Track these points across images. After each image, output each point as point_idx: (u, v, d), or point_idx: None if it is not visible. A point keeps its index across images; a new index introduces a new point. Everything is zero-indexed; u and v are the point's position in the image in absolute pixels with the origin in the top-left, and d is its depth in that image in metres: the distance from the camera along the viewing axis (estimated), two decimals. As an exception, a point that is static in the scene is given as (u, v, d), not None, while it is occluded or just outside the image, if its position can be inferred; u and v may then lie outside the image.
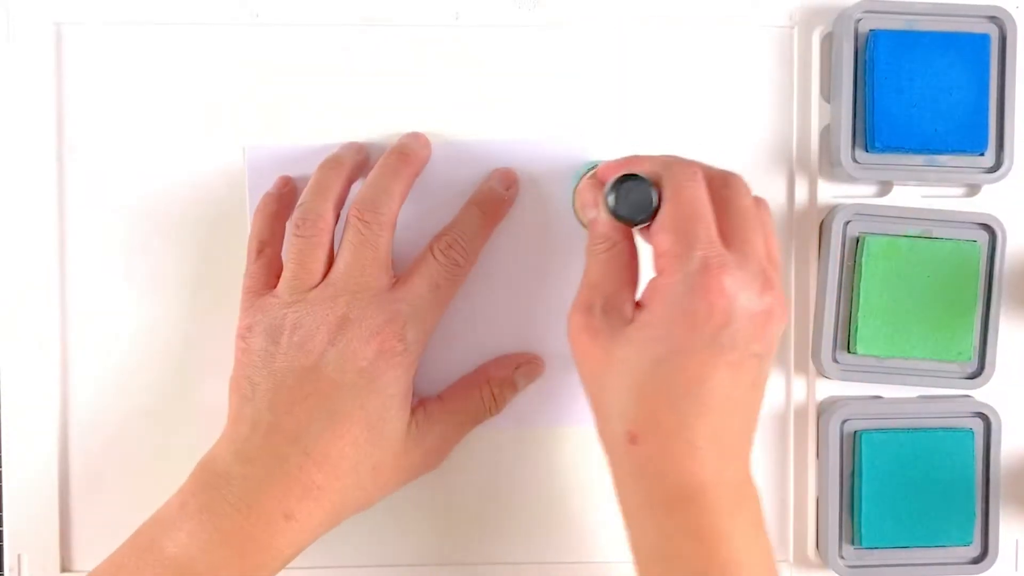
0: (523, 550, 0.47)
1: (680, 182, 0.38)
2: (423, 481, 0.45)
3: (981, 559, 0.47)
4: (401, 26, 0.46)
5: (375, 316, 0.41)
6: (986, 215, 0.46)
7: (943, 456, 0.46)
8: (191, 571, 0.39)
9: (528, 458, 0.47)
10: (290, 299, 0.42)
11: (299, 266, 0.42)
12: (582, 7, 0.47)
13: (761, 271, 0.37)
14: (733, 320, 0.36)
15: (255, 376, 0.41)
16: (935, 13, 0.46)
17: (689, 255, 0.37)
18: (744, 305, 0.36)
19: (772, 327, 0.37)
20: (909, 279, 0.46)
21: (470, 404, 0.45)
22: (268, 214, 0.44)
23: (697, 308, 0.36)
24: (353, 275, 0.42)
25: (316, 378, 0.40)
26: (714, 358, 0.36)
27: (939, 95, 0.46)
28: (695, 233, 0.37)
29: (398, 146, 0.45)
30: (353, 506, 0.42)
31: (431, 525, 0.47)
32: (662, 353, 0.37)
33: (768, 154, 0.47)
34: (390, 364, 0.41)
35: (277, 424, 0.40)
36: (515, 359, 0.46)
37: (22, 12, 0.46)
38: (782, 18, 0.47)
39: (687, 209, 0.37)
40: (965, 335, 0.46)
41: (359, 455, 0.41)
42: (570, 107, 0.47)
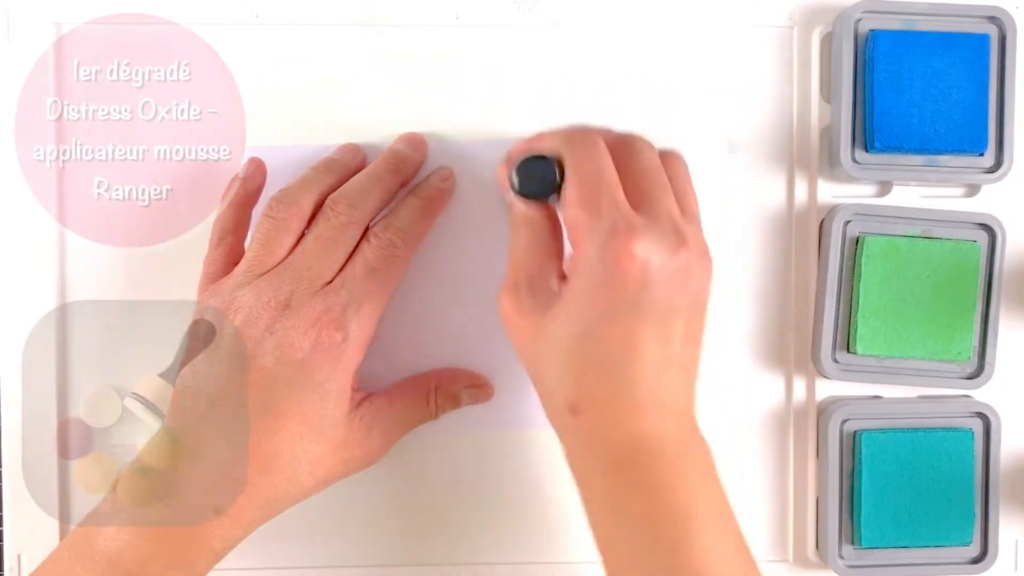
0: (498, 551, 0.47)
1: (580, 154, 0.38)
2: (400, 483, 0.46)
3: (981, 559, 0.47)
4: (401, 26, 0.46)
5: (315, 306, 0.40)
6: (986, 215, 0.47)
7: (943, 456, 0.46)
8: (120, 566, 0.38)
9: (502, 460, 0.47)
10: (242, 280, 0.41)
11: (261, 247, 0.41)
12: (582, 7, 0.47)
13: (672, 229, 0.37)
14: (650, 282, 0.37)
15: (198, 366, 0.41)
16: (935, 13, 0.46)
17: (597, 225, 0.37)
18: (659, 266, 0.37)
19: (692, 282, 0.38)
20: (909, 279, 0.46)
21: (415, 408, 0.45)
22: (234, 202, 0.44)
23: (612, 276, 0.36)
24: (308, 262, 0.41)
25: (254, 368, 0.40)
26: (638, 321, 0.37)
27: (939, 95, 0.46)
28: (599, 202, 0.37)
29: (390, 151, 0.45)
30: (288, 500, 0.41)
31: (406, 526, 0.47)
32: (588, 324, 0.37)
33: (768, 154, 0.47)
34: (327, 357, 0.40)
35: (209, 416, 0.40)
36: (468, 377, 0.46)
37: (22, 12, 0.46)
38: (782, 18, 0.47)
39: (589, 179, 0.38)
40: (965, 335, 0.46)
41: (295, 450, 0.40)
42: (570, 107, 0.47)
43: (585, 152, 0.39)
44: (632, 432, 0.37)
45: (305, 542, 0.47)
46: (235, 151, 0.46)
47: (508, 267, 0.40)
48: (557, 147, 0.39)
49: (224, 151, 0.46)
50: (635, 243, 0.36)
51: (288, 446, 0.40)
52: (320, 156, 0.45)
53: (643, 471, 0.37)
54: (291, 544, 0.47)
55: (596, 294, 0.37)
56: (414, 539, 0.47)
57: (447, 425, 0.47)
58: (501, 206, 0.46)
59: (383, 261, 0.42)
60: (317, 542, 0.47)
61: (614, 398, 0.37)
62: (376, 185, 0.43)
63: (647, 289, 0.37)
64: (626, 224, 0.37)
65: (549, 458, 0.47)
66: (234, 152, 0.46)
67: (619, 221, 0.37)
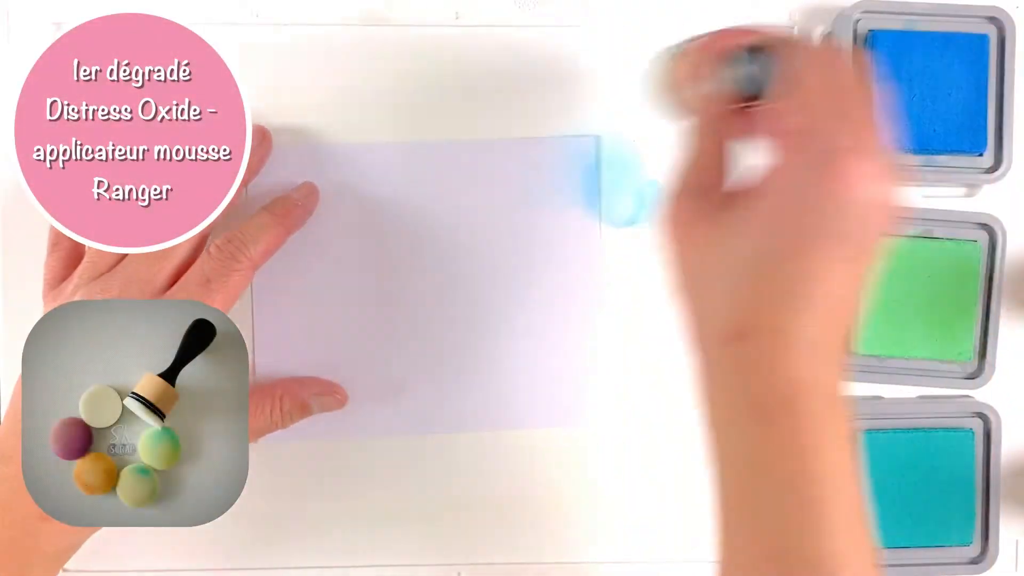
0: (498, 551, 0.47)
1: (819, 56, 0.34)
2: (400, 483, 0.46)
3: (981, 559, 0.47)
4: (401, 26, 0.46)
5: None
6: (986, 215, 0.47)
7: (943, 456, 0.46)
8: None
9: (502, 460, 0.47)
10: (78, 282, 0.42)
11: (96, 250, 0.42)
12: (582, 7, 0.47)
13: (889, 161, 0.34)
14: (859, 214, 0.33)
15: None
16: (934, 13, 0.46)
17: (819, 135, 0.33)
18: (870, 196, 0.33)
19: (889, 226, 0.34)
20: (909, 279, 0.46)
21: (260, 419, 0.44)
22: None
23: (819, 195, 0.33)
24: (138, 267, 0.42)
25: None
26: (831, 252, 0.33)
27: (938, 95, 0.46)
28: (828, 112, 0.33)
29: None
30: None
31: (406, 526, 0.47)
32: (779, 243, 0.33)
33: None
34: None
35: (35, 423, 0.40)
36: (316, 385, 0.46)
37: (22, 12, 0.46)
38: (782, 18, 0.47)
39: (825, 84, 0.34)
40: (965, 335, 0.46)
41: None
42: (570, 107, 0.47)
43: (826, 56, 0.35)
44: (793, 375, 0.33)
45: (305, 542, 0.47)
46: (235, 151, 0.46)
47: (684, 171, 0.37)
48: (782, 42, 0.35)
49: (224, 151, 0.46)
50: (862, 165, 0.32)
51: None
52: (319, 155, 0.45)
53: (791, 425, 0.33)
54: (291, 544, 0.47)
55: (796, 210, 0.33)
56: (414, 539, 0.47)
57: (447, 425, 0.47)
58: (495, 204, 0.46)
59: (219, 273, 0.42)
60: (317, 542, 0.47)
61: (786, 331, 0.33)
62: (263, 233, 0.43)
63: (854, 220, 0.33)
64: (859, 144, 0.33)
65: (549, 458, 0.47)
66: (234, 152, 0.46)
67: (851, 137, 0.33)
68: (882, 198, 0.33)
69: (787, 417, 0.33)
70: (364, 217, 0.47)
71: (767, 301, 0.34)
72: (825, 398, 0.34)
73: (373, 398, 0.47)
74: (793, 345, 0.33)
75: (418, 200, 0.46)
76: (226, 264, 0.42)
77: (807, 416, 0.33)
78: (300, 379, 0.46)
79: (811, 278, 0.33)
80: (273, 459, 0.47)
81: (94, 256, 0.42)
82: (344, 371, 0.47)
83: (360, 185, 0.46)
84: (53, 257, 0.44)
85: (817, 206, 0.33)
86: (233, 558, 0.47)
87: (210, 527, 0.46)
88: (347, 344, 0.47)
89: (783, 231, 0.33)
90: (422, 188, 0.46)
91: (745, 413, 0.34)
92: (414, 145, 0.47)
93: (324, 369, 0.47)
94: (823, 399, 0.34)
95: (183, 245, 0.42)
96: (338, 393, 0.46)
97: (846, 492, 0.34)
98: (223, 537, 0.47)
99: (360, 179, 0.46)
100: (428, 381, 0.47)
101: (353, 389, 0.47)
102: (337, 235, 0.47)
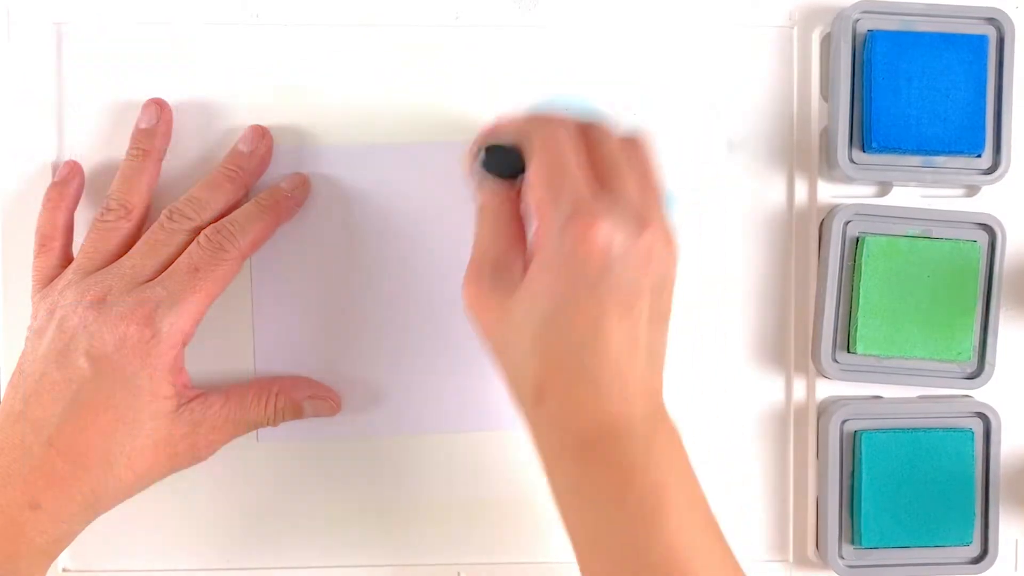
0: (498, 551, 0.48)
1: (542, 138, 0.38)
2: (400, 483, 0.46)
3: (981, 559, 0.47)
4: (401, 26, 0.47)
5: (127, 301, 0.41)
6: (986, 215, 0.47)
7: (943, 456, 0.46)
8: None
9: (501, 460, 0.47)
10: (71, 279, 0.42)
11: (91, 249, 0.43)
12: (582, 7, 0.47)
13: (634, 212, 0.37)
14: (612, 264, 0.36)
15: (24, 364, 0.41)
16: (933, 14, 0.46)
17: (557, 207, 0.37)
18: (620, 248, 0.36)
19: (655, 264, 0.37)
20: (909, 279, 0.46)
21: (252, 409, 0.44)
22: (47, 207, 0.45)
23: (574, 256, 0.36)
24: (132, 262, 0.42)
25: (66, 364, 0.40)
26: (601, 303, 0.36)
27: (937, 96, 0.46)
28: (560, 185, 0.37)
29: (229, 154, 0.45)
30: (111, 494, 0.41)
31: (406, 527, 0.47)
32: (552, 306, 0.36)
33: (768, 154, 0.48)
34: (136, 352, 0.40)
35: (25, 413, 0.40)
36: (311, 387, 0.46)
37: (22, 12, 0.46)
38: (782, 18, 0.47)
39: (551, 162, 0.38)
40: (965, 335, 0.46)
41: (109, 445, 0.40)
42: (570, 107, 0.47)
43: (547, 136, 0.38)
44: (599, 415, 0.37)
45: (304, 542, 0.47)
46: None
47: (472, 253, 0.40)
48: (520, 133, 0.39)
49: (223, 152, 0.46)
50: (596, 225, 0.36)
51: (101, 440, 0.40)
52: (320, 155, 0.45)
53: (611, 452, 0.37)
54: (291, 544, 0.47)
55: (558, 277, 0.36)
56: (414, 539, 0.47)
57: (445, 426, 0.47)
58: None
59: (207, 262, 0.42)
60: (317, 542, 0.47)
61: (579, 382, 0.37)
62: (213, 194, 0.44)
63: (609, 272, 0.36)
64: (587, 206, 0.36)
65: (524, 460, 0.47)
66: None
67: (580, 204, 0.36)
68: (630, 246, 0.36)
69: (601, 447, 0.37)
70: (364, 218, 0.47)
71: (555, 361, 0.37)
72: (639, 423, 0.37)
73: (373, 398, 0.47)
74: (590, 391, 0.37)
75: (418, 201, 0.46)
76: (215, 254, 0.42)
77: (623, 442, 0.37)
78: (298, 380, 0.46)
79: (589, 331, 0.36)
80: (272, 459, 0.47)
81: (86, 255, 0.43)
82: (344, 371, 0.47)
83: (360, 186, 0.46)
84: (41, 258, 0.44)
85: (572, 269, 0.36)
86: (232, 558, 0.47)
87: (210, 527, 0.47)
88: (347, 344, 0.47)
89: (553, 295, 0.37)
90: (422, 189, 0.46)
91: (566, 456, 0.38)
92: (414, 146, 0.47)
93: (324, 368, 0.47)
94: (638, 424, 0.37)
95: (174, 243, 0.42)
96: (332, 399, 0.46)
97: (682, 496, 0.37)
98: (223, 537, 0.47)
99: (360, 180, 0.46)
100: (428, 381, 0.47)
101: (353, 389, 0.47)
102: (337, 235, 0.46)
